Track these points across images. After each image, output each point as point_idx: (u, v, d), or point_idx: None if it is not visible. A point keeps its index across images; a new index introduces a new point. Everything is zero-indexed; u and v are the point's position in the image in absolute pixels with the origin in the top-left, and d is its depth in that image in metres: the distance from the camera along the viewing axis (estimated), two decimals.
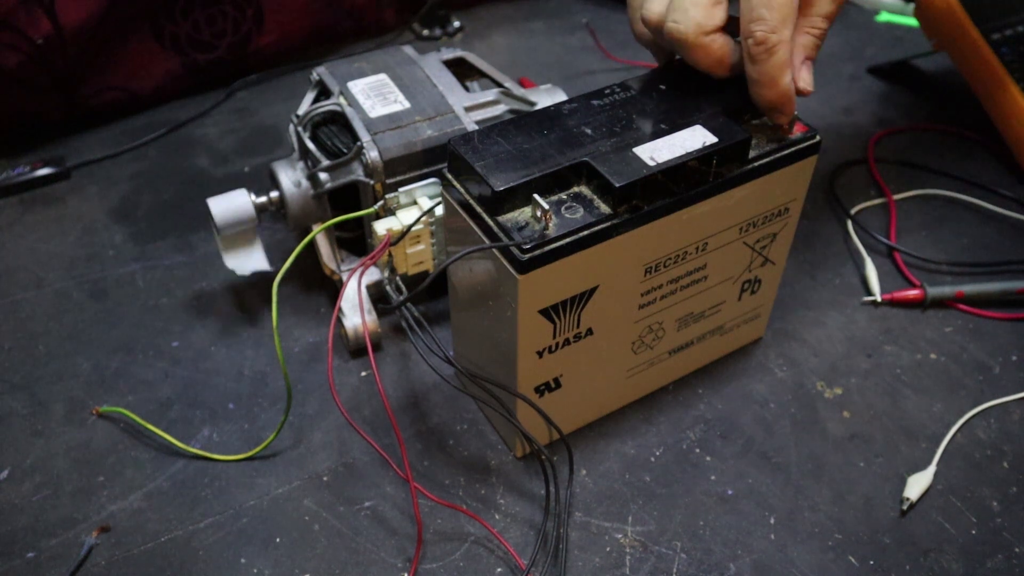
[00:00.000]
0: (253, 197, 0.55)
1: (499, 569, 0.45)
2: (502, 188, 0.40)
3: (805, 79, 0.45)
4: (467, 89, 0.61)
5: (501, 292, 0.42)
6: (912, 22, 0.91)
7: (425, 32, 0.90)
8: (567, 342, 0.45)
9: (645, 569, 0.45)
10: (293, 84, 0.83)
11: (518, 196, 0.41)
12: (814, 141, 0.46)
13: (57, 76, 0.72)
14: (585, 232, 0.40)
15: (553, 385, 0.47)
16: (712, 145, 0.43)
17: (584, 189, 0.42)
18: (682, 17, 0.43)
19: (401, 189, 0.52)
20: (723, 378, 0.55)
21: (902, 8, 0.94)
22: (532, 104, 0.59)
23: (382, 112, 0.55)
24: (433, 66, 0.60)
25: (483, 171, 0.41)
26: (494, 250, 0.41)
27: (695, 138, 0.43)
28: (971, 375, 0.55)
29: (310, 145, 0.55)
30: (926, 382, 0.55)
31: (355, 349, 0.57)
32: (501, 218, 0.41)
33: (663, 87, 0.47)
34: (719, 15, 0.43)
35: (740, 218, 0.47)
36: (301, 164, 0.56)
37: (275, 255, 0.64)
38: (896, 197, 0.68)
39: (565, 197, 0.42)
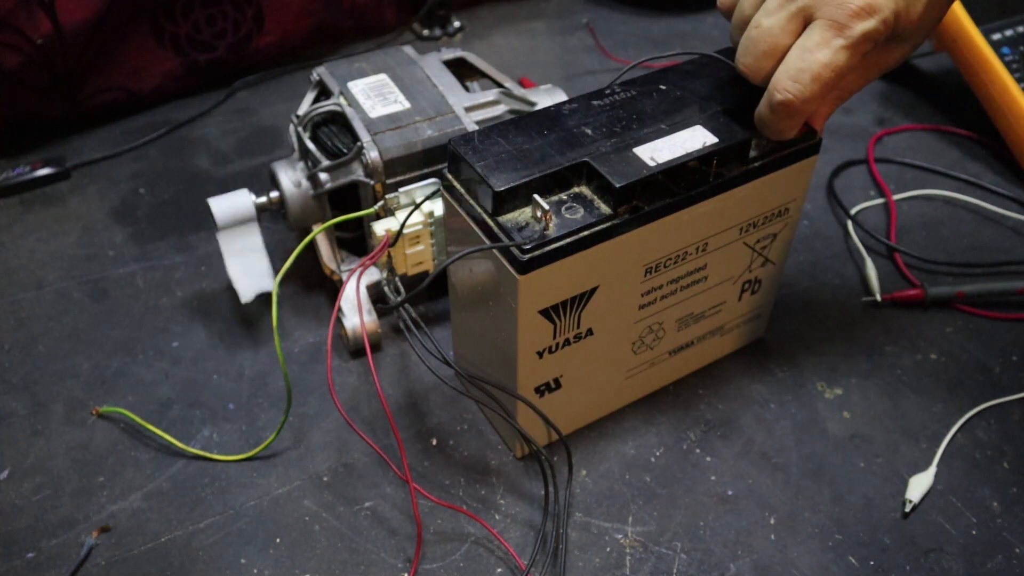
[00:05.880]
0: (253, 197, 0.55)
1: (499, 569, 0.45)
2: (502, 188, 0.40)
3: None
4: (467, 89, 0.61)
5: (501, 292, 0.42)
6: None
7: (425, 32, 0.90)
8: (567, 342, 0.45)
9: (645, 569, 0.45)
10: (293, 84, 0.83)
11: (518, 196, 0.41)
12: (814, 141, 0.46)
13: (57, 76, 0.72)
14: (585, 232, 0.40)
15: (553, 385, 0.47)
16: (712, 145, 0.43)
17: (584, 189, 0.42)
18: (750, 62, 0.42)
19: (401, 189, 0.52)
20: (723, 378, 0.55)
21: None
22: (532, 104, 0.59)
23: (382, 112, 0.55)
24: (433, 66, 0.60)
25: (483, 171, 0.41)
26: (494, 250, 0.41)
27: (695, 138, 0.43)
28: (971, 375, 0.55)
29: (310, 145, 0.55)
30: (926, 382, 0.55)
31: (355, 349, 0.57)
32: (501, 218, 0.41)
33: (663, 87, 0.47)
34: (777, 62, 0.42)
35: (740, 218, 0.47)
36: (301, 164, 0.56)
37: (275, 255, 0.64)
38: (896, 197, 0.68)
39: (565, 197, 0.42)
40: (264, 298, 0.60)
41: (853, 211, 0.67)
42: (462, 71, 0.63)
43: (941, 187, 0.70)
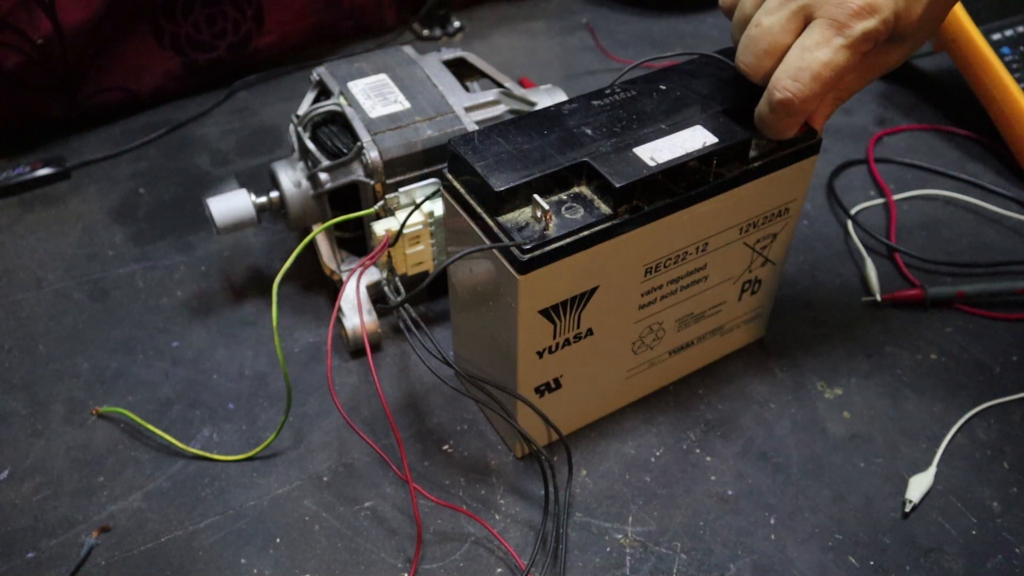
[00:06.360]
0: (253, 197, 0.55)
1: (499, 569, 0.45)
2: (502, 188, 0.40)
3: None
4: (467, 89, 0.61)
5: (501, 292, 0.42)
6: None
7: (425, 32, 0.90)
8: (567, 342, 0.45)
9: (645, 569, 0.45)
10: (293, 84, 0.83)
11: (518, 196, 0.41)
12: (814, 141, 0.46)
13: (57, 76, 0.72)
14: (585, 232, 0.40)
15: (553, 385, 0.47)
16: (712, 145, 0.43)
17: (584, 189, 0.42)
18: (750, 60, 0.42)
19: (401, 189, 0.52)
20: (723, 378, 0.55)
21: None
22: (532, 104, 0.59)
23: (382, 112, 0.55)
24: (433, 66, 0.60)
25: (483, 171, 0.41)
26: (494, 250, 0.41)
27: (695, 138, 0.43)
28: (971, 375, 0.55)
29: (310, 145, 0.55)
30: (926, 382, 0.55)
31: (355, 349, 0.57)
32: (501, 218, 0.41)
33: (663, 87, 0.47)
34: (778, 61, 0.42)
35: (740, 218, 0.47)
36: (301, 164, 0.56)
37: (275, 255, 0.64)
38: (896, 197, 0.68)
39: (565, 197, 0.42)
40: (264, 298, 0.60)
41: (853, 211, 0.67)
42: (462, 71, 0.63)
43: (941, 187, 0.70)
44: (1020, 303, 0.60)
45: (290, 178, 0.56)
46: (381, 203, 0.52)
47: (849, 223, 0.66)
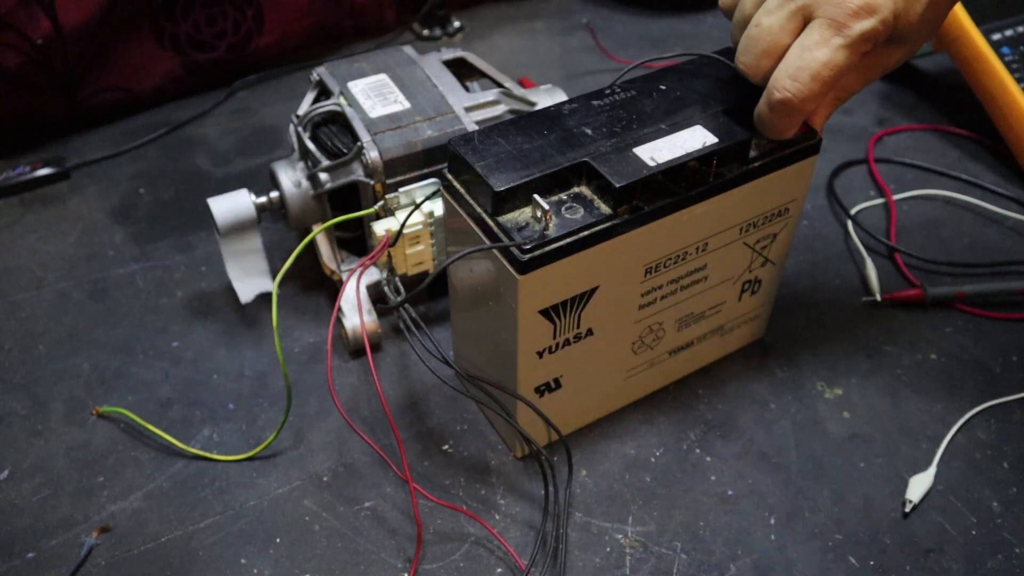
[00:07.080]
0: (253, 197, 0.56)
1: (499, 569, 0.45)
2: (502, 188, 0.40)
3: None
4: (467, 89, 0.61)
5: (501, 292, 0.42)
6: None
7: (425, 32, 0.90)
8: (567, 342, 0.45)
9: (645, 569, 0.45)
10: (293, 84, 0.83)
11: (518, 196, 0.41)
12: (814, 141, 0.46)
13: (57, 76, 0.72)
14: (585, 232, 0.40)
15: (553, 385, 0.47)
16: (712, 145, 0.43)
17: (584, 189, 0.42)
18: (750, 61, 0.42)
19: (401, 189, 0.52)
20: (723, 378, 0.55)
21: None
22: (532, 104, 0.59)
23: (382, 112, 0.55)
24: (433, 66, 0.60)
25: (483, 171, 0.41)
26: (494, 250, 0.41)
27: (695, 138, 0.43)
28: (971, 375, 0.55)
29: (310, 145, 0.55)
30: (926, 382, 0.55)
31: (355, 349, 0.57)
32: (501, 218, 0.41)
33: (663, 87, 0.47)
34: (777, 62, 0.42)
35: (740, 218, 0.47)
36: (301, 164, 0.56)
37: (275, 255, 0.64)
38: (896, 197, 0.68)
39: (565, 197, 0.42)
40: (264, 298, 0.60)
41: (853, 211, 0.67)
42: (462, 71, 0.63)
43: (941, 187, 0.70)
44: (1020, 303, 0.60)
45: (290, 178, 0.56)
46: (381, 203, 0.52)
47: (849, 223, 0.66)
